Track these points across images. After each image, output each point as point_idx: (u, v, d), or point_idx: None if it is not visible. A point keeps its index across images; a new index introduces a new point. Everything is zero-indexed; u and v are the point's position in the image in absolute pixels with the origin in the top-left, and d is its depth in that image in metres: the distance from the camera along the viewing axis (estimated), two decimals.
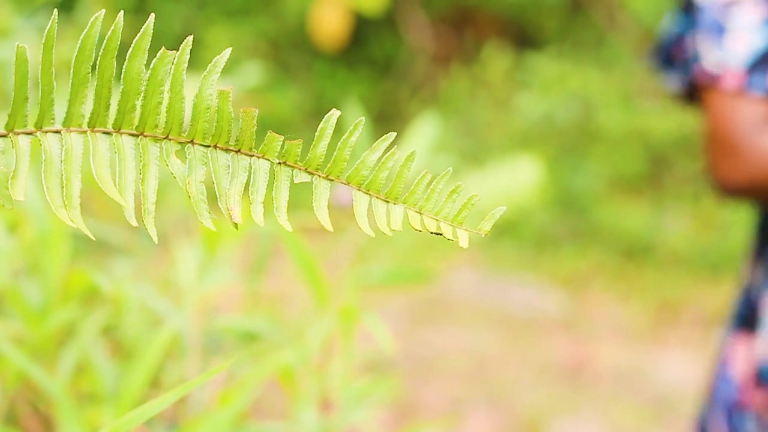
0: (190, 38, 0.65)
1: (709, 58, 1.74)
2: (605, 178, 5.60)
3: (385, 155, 0.63)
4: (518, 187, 1.70)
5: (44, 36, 0.64)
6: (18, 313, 1.26)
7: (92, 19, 0.64)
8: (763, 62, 1.71)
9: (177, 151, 0.65)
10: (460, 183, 0.63)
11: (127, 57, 0.65)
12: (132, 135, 0.65)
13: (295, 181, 0.64)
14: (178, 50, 0.66)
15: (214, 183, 0.65)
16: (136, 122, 0.65)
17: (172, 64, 0.65)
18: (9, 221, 1.34)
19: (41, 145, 0.64)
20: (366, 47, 6.53)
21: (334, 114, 0.63)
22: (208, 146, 0.65)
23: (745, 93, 1.70)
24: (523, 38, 6.49)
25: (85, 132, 0.65)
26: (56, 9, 0.66)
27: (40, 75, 0.66)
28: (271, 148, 0.64)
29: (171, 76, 0.65)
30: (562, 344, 4.30)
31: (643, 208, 5.49)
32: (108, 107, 0.65)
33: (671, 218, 5.42)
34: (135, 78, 0.65)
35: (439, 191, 0.63)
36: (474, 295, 4.66)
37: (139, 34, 0.65)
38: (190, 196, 0.64)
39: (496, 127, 5.93)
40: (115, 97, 0.66)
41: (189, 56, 0.66)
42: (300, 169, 0.64)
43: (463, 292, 4.64)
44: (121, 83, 0.65)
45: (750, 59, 1.71)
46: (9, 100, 0.68)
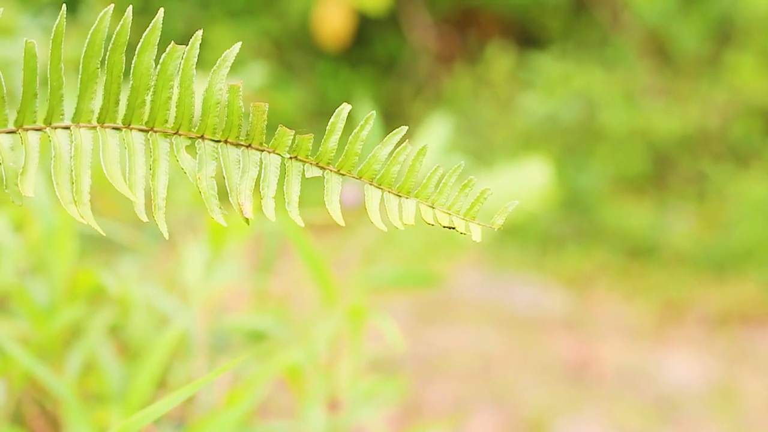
0: (199, 33, 0.65)
1: None
2: (609, 178, 5.58)
3: (397, 149, 0.62)
4: (527, 191, 1.69)
5: (53, 31, 0.64)
6: (24, 313, 1.26)
7: (101, 14, 0.64)
8: None
9: (187, 147, 0.65)
10: (472, 177, 0.62)
11: (136, 52, 0.65)
12: (142, 130, 0.65)
13: (307, 176, 0.63)
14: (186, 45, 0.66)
15: (224, 178, 0.64)
16: (145, 118, 0.65)
17: (182, 59, 0.65)
18: (14, 219, 1.34)
19: (50, 141, 0.64)
20: (369, 47, 6.53)
21: (345, 108, 0.63)
22: (219, 141, 0.64)
23: None
24: (527, 38, 6.48)
25: (94, 128, 0.64)
26: (64, 5, 0.66)
27: (49, 71, 0.65)
28: (282, 142, 0.64)
29: (180, 71, 0.65)
30: (566, 343, 4.29)
31: (647, 207, 5.48)
32: (117, 103, 0.65)
33: (675, 217, 5.41)
34: (144, 73, 0.64)
35: (451, 186, 0.62)
36: (478, 294, 4.65)
37: (148, 29, 0.64)
38: (200, 192, 0.63)
39: (499, 127, 5.93)
40: (124, 93, 0.66)
41: (198, 51, 0.65)
42: (311, 164, 0.63)
43: (467, 292, 4.63)
44: (131, 79, 0.65)
45: None
46: (16, 98, 0.67)
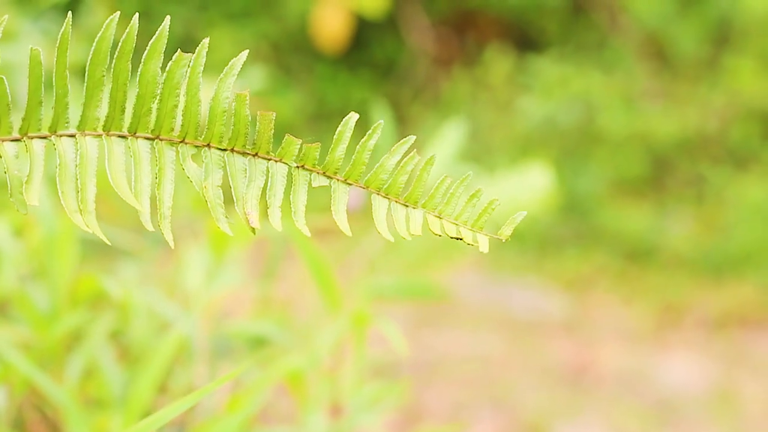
0: (206, 41, 0.65)
1: None
2: (608, 181, 5.59)
3: (405, 159, 0.62)
4: (529, 196, 1.68)
5: (59, 39, 0.63)
6: (25, 318, 1.25)
7: (107, 21, 0.64)
8: None
9: (193, 155, 0.64)
10: (480, 188, 0.62)
11: (142, 60, 0.65)
12: (148, 138, 0.64)
13: (313, 185, 0.63)
14: (185, 52, 0.66)
15: (230, 187, 0.64)
16: (151, 126, 0.64)
17: (188, 67, 0.65)
18: (15, 224, 1.33)
19: (56, 149, 0.64)
20: (367, 50, 6.53)
21: (353, 117, 0.62)
22: (225, 149, 0.64)
23: None
24: (525, 41, 6.48)
25: (100, 136, 0.64)
26: (70, 12, 0.66)
27: (54, 78, 0.65)
28: (289, 151, 0.63)
29: (187, 79, 0.64)
30: (565, 347, 4.29)
31: (645, 210, 5.48)
32: (123, 110, 0.65)
33: (674, 220, 5.41)
34: (151, 81, 0.64)
35: (458, 196, 0.62)
36: (477, 298, 4.65)
37: (154, 37, 0.64)
38: (206, 201, 0.63)
39: (498, 130, 5.92)
40: (130, 101, 0.65)
41: (205, 59, 0.65)
42: (318, 173, 0.63)
43: (466, 296, 4.62)
44: (137, 86, 0.65)
45: None
46: (18, 104, 0.67)
